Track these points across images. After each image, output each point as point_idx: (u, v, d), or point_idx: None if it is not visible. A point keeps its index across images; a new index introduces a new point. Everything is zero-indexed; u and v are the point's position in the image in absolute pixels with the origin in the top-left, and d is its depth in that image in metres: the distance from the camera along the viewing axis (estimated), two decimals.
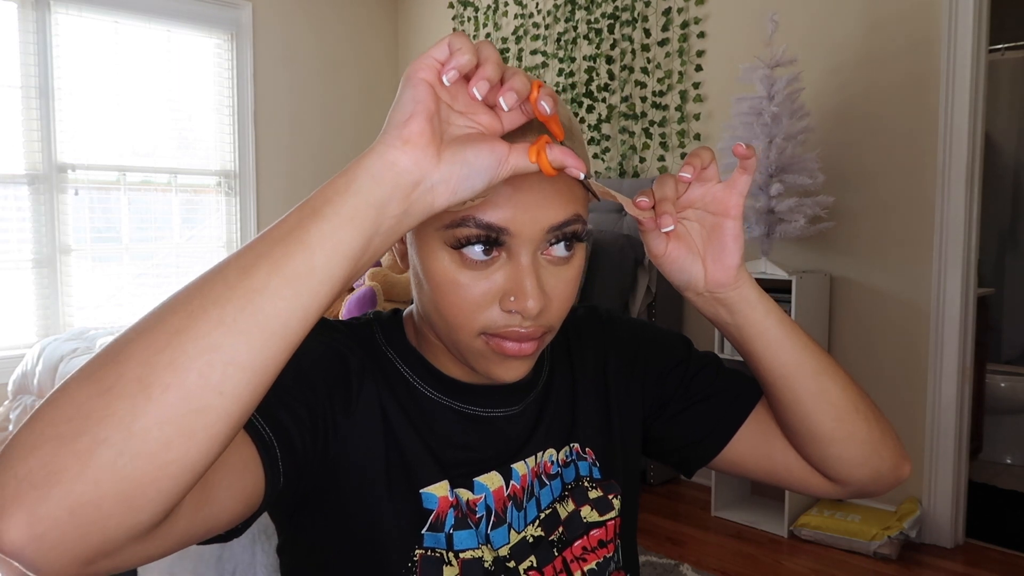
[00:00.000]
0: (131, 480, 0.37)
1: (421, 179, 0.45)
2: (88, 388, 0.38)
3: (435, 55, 0.46)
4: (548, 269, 0.58)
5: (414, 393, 0.64)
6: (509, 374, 0.60)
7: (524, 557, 0.63)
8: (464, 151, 0.46)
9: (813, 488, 0.71)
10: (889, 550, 2.35)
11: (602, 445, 0.71)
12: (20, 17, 3.23)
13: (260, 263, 0.41)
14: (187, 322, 0.39)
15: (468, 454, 0.64)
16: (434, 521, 0.60)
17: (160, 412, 0.37)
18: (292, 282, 0.41)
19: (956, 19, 2.38)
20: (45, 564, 0.37)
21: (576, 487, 0.68)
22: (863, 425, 0.66)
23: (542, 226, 0.56)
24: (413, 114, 0.45)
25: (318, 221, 0.42)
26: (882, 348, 2.60)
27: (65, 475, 0.36)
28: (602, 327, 0.77)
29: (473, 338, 0.58)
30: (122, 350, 0.39)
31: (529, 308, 0.55)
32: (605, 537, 0.68)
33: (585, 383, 0.73)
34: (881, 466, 0.68)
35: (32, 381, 2.66)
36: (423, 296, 0.61)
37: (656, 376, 0.75)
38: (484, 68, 0.46)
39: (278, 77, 4.00)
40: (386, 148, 0.45)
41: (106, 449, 0.36)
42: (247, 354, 0.39)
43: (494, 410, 0.66)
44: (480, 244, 0.55)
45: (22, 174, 3.27)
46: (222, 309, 0.39)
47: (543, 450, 0.67)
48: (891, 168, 2.56)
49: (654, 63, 3.21)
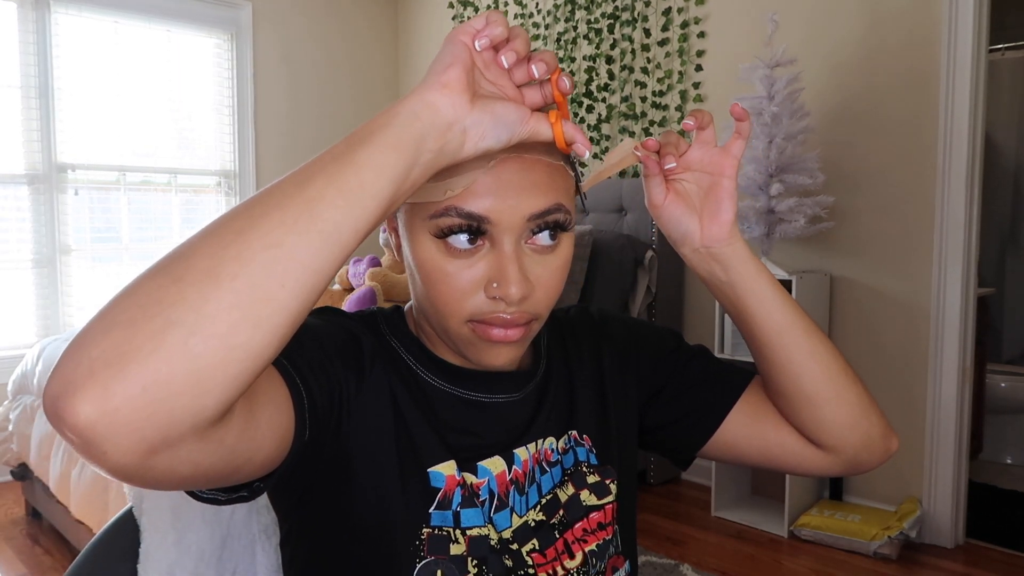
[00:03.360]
0: (201, 360, 0.39)
1: (455, 121, 0.50)
2: (158, 279, 0.40)
3: (474, 24, 0.51)
4: (532, 258, 0.60)
5: (418, 380, 0.66)
6: (497, 360, 0.62)
7: (527, 540, 0.65)
8: (493, 104, 0.52)
9: (807, 462, 0.72)
10: (889, 550, 2.35)
11: (598, 433, 0.73)
12: (20, 17, 3.23)
13: (315, 177, 0.45)
14: (250, 223, 0.43)
15: (471, 439, 0.66)
16: (441, 499, 0.62)
17: (229, 298, 0.40)
18: (345, 194, 0.45)
19: (956, 19, 2.38)
20: (113, 445, 0.38)
21: (575, 472, 0.70)
22: (852, 386, 0.69)
23: (523, 214, 0.58)
24: (452, 63, 0.50)
25: (366, 146, 0.47)
26: (882, 348, 2.60)
27: (139, 353, 0.38)
28: (595, 324, 0.80)
29: (461, 325, 0.60)
30: (188, 248, 0.42)
31: (511, 294, 0.57)
32: (604, 520, 0.70)
33: (581, 375, 0.75)
34: (871, 431, 0.70)
35: (32, 381, 2.66)
36: (416, 287, 0.63)
37: (649, 366, 0.77)
38: (514, 42, 0.52)
39: (278, 77, 4.00)
40: (426, 90, 0.50)
41: (178, 330, 0.39)
42: (306, 252, 0.43)
43: (495, 396, 0.68)
44: (464, 233, 0.58)
45: (22, 174, 3.27)
46: (283, 212, 0.43)
47: (543, 437, 0.69)
48: (891, 168, 2.56)
49: (654, 63, 3.21)
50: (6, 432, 2.75)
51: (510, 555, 0.63)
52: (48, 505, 2.52)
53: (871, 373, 2.61)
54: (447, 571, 0.60)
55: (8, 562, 2.46)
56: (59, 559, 2.47)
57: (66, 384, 0.37)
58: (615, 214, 3.17)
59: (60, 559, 2.47)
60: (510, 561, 0.63)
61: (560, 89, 0.54)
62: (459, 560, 0.61)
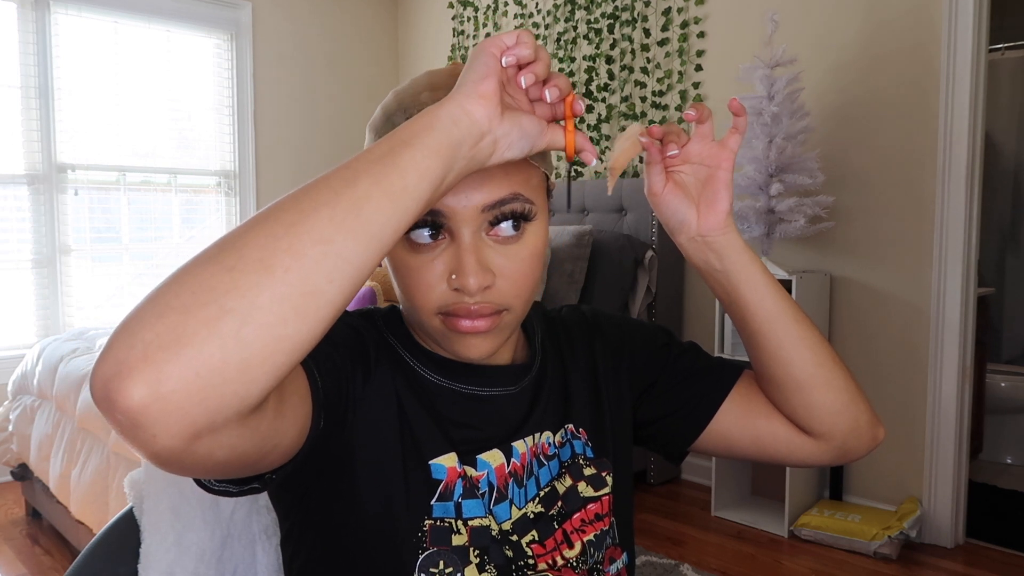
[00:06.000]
0: (252, 348, 0.40)
1: (488, 130, 0.52)
2: (211, 267, 0.41)
3: (505, 40, 0.53)
4: (495, 248, 0.61)
5: (417, 376, 0.67)
6: (471, 351, 0.63)
7: (526, 531, 0.66)
8: (520, 117, 0.54)
9: (798, 450, 0.74)
10: (889, 550, 2.35)
11: (593, 426, 0.75)
12: (20, 17, 3.23)
13: (362, 178, 0.46)
14: (301, 217, 0.43)
15: (470, 432, 0.67)
16: (443, 491, 0.63)
17: (281, 290, 0.41)
18: (390, 195, 0.46)
19: (956, 19, 2.38)
20: (163, 427, 0.38)
21: (572, 464, 0.71)
22: (841, 373, 0.71)
23: (476, 206, 0.59)
24: (487, 75, 0.52)
25: (409, 150, 0.48)
26: (882, 348, 2.60)
27: (195, 339, 0.38)
28: (586, 321, 0.81)
29: (432, 317, 0.62)
30: (239, 239, 0.42)
31: (469, 285, 0.58)
32: (601, 511, 0.71)
33: (575, 370, 0.76)
34: (860, 417, 0.72)
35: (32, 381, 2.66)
36: (394, 284, 0.65)
37: (640, 361, 0.79)
38: (536, 64, 0.54)
39: (278, 77, 4.00)
40: (464, 98, 0.51)
41: (232, 318, 0.40)
42: (353, 250, 0.44)
43: (492, 389, 0.69)
44: (426, 228, 0.60)
45: (22, 174, 3.27)
46: (332, 209, 0.44)
47: (540, 431, 0.71)
48: (891, 168, 2.56)
49: (654, 63, 3.21)
50: (6, 432, 2.75)
51: (510, 546, 0.64)
52: (48, 505, 2.52)
53: (871, 373, 2.61)
54: (449, 561, 0.61)
55: (8, 562, 2.46)
56: (59, 559, 2.47)
57: (119, 365, 0.38)
58: (615, 214, 3.17)
59: (60, 559, 2.47)
60: (510, 552, 0.64)
61: (575, 112, 0.57)
62: (461, 551, 0.62)
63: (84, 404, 2.23)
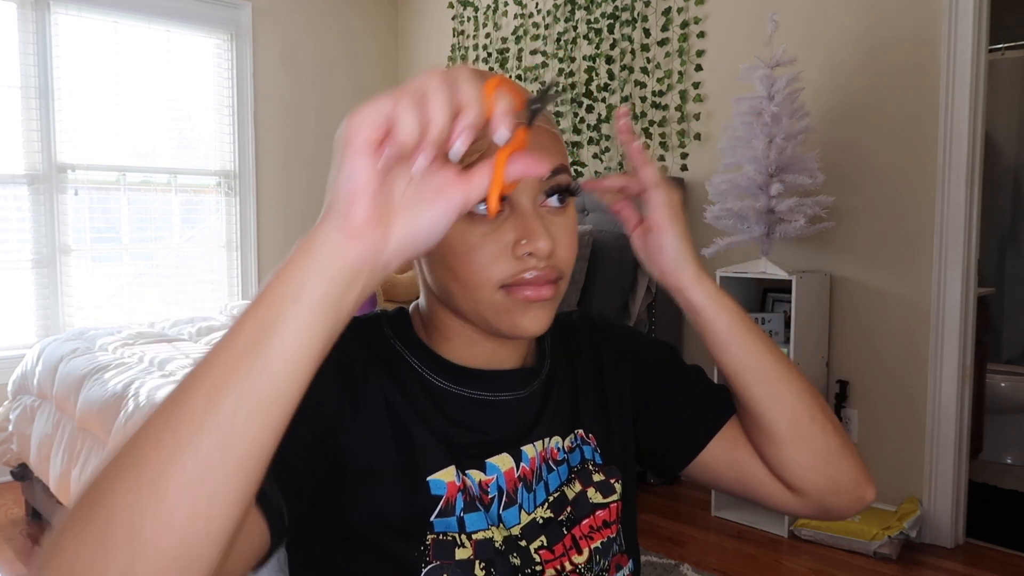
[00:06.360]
0: None
1: (374, 264, 0.42)
2: (80, 540, 0.38)
3: (374, 120, 0.40)
4: (548, 218, 0.62)
5: (424, 382, 0.66)
6: (534, 324, 0.62)
7: (535, 537, 0.66)
8: (417, 218, 0.43)
9: (775, 498, 0.73)
10: (889, 550, 2.35)
11: (602, 431, 0.74)
12: (20, 17, 3.23)
13: (225, 393, 0.39)
14: (165, 467, 0.38)
15: (479, 436, 0.66)
16: (444, 507, 0.62)
17: (155, 561, 0.37)
18: (260, 409, 0.40)
19: (956, 19, 2.38)
20: None
21: (582, 469, 0.71)
22: (819, 433, 0.68)
23: None
24: (355, 198, 0.41)
25: (274, 336, 0.40)
26: (882, 348, 2.60)
27: None
28: (595, 326, 0.81)
29: (494, 293, 0.61)
30: (105, 496, 0.38)
31: (541, 248, 0.58)
32: (609, 518, 0.71)
33: (584, 374, 0.76)
34: (839, 477, 0.69)
35: (32, 381, 2.66)
36: (437, 272, 0.63)
37: (644, 374, 0.78)
38: (425, 141, 0.40)
39: (278, 77, 4.00)
40: (332, 242, 0.41)
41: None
42: (228, 485, 0.39)
43: (501, 394, 0.68)
44: (483, 203, 0.57)
45: (22, 174, 3.27)
46: (196, 450, 0.38)
47: (549, 436, 0.70)
48: (891, 168, 2.56)
49: (654, 63, 3.21)
50: (6, 432, 2.75)
51: (518, 552, 0.64)
52: (48, 505, 2.52)
53: (871, 373, 2.61)
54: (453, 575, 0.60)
55: (8, 562, 2.46)
56: None
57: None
58: None
59: None
60: (517, 559, 0.63)
61: (498, 144, 0.43)
62: (466, 564, 0.61)
63: (84, 404, 2.23)
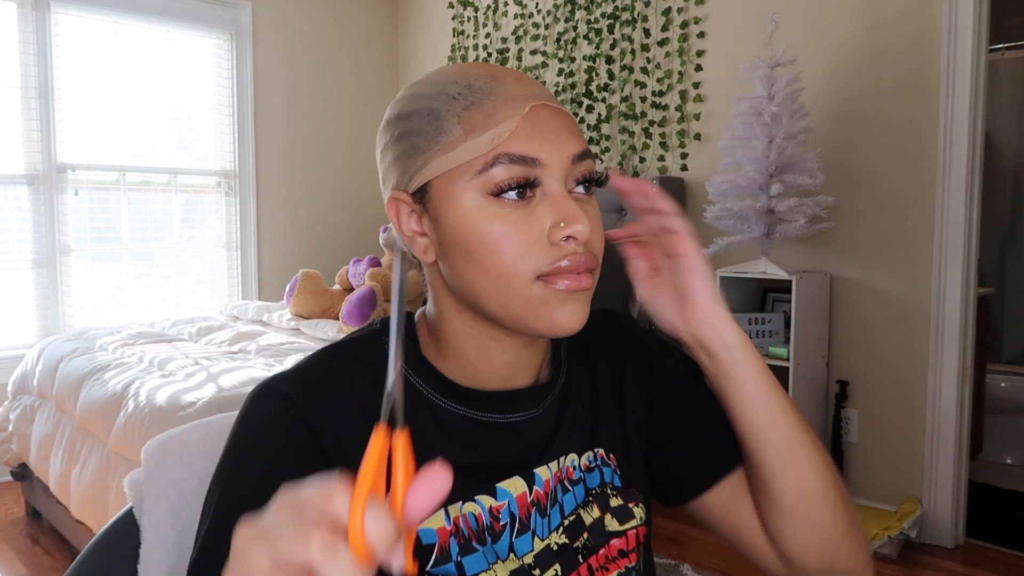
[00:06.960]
0: None
1: None
2: None
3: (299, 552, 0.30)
4: (578, 205, 0.59)
5: (432, 407, 0.63)
6: (570, 319, 0.58)
7: (549, 565, 0.61)
8: None
9: (765, 562, 0.68)
10: (889, 550, 2.34)
11: (622, 451, 0.69)
12: (20, 17, 3.23)
13: None
14: None
15: (489, 459, 0.62)
16: (438, 555, 0.58)
17: None
18: None
19: (956, 19, 2.38)
20: None
21: (600, 493, 0.67)
22: (828, 514, 0.63)
23: (567, 154, 0.58)
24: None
25: None
26: (882, 348, 2.60)
27: None
28: (618, 334, 0.76)
29: (530, 285, 0.57)
30: None
31: (580, 231, 0.56)
32: (625, 547, 0.66)
33: (603, 387, 0.71)
34: (837, 559, 0.64)
35: (32, 381, 2.66)
36: (460, 269, 0.59)
37: (666, 400, 0.73)
38: None
39: (278, 77, 4.00)
40: None
41: None
42: None
43: (512, 415, 0.64)
44: (513, 190, 0.56)
45: (22, 174, 3.27)
46: None
47: (565, 455, 0.66)
48: (891, 168, 2.56)
49: (654, 63, 3.21)
50: (6, 432, 2.75)
51: None
52: (48, 505, 2.52)
53: (871, 373, 2.61)
54: None
55: (8, 562, 2.46)
56: (59, 559, 2.47)
57: None
58: (615, 214, 3.17)
59: (60, 559, 2.47)
60: None
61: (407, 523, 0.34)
62: None
63: (84, 404, 2.23)
